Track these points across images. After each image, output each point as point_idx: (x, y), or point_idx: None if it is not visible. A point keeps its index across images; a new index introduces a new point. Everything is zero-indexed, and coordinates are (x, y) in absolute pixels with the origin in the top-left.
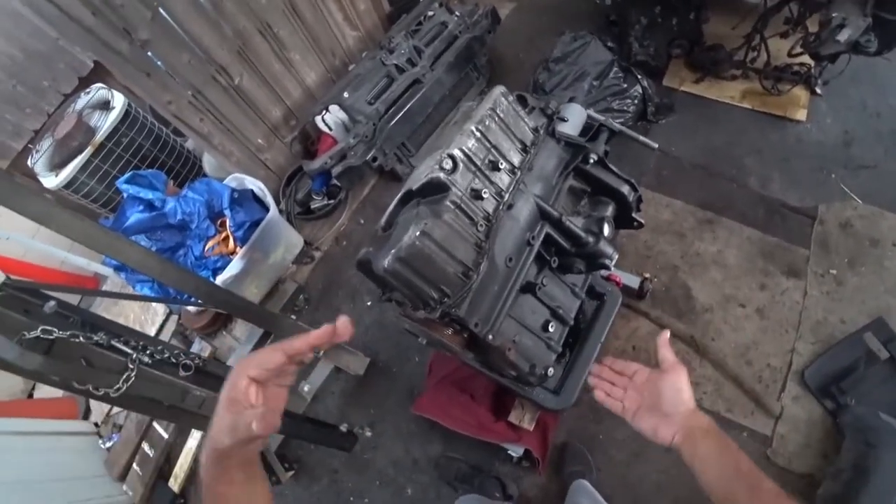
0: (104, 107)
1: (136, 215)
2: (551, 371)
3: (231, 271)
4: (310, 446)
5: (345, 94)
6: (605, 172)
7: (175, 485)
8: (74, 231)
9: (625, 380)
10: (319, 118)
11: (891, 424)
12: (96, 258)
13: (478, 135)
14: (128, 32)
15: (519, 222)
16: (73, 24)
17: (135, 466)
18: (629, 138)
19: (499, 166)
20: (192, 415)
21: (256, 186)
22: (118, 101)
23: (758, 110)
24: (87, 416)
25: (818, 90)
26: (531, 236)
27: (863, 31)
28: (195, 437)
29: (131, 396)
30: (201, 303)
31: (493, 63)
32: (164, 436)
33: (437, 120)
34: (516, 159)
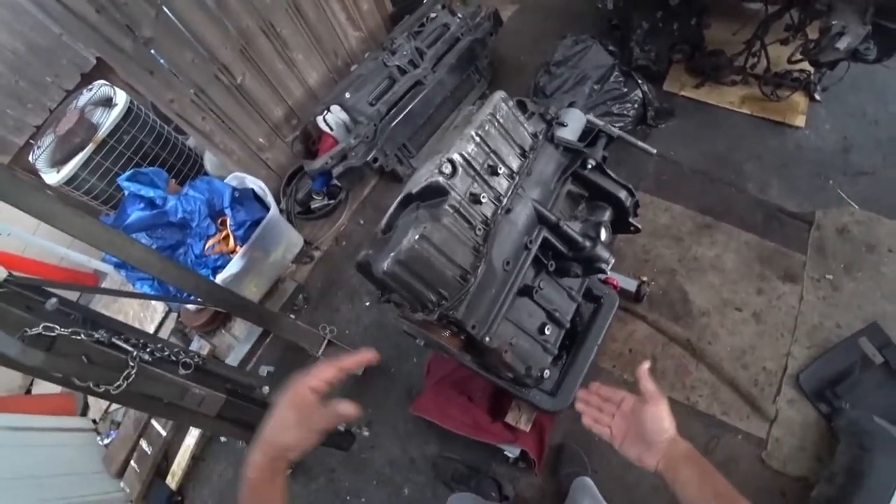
0: (106, 103)
1: (136, 213)
2: (547, 373)
3: (231, 270)
4: None
5: (346, 94)
6: (602, 178)
7: (172, 482)
8: (76, 228)
9: (612, 407)
10: (321, 118)
11: (885, 429)
12: (96, 255)
13: (477, 140)
14: (131, 30)
15: (517, 226)
16: (77, 20)
17: (132, 463)
18: (627, 143)
19: (498, 171)
20: (190, 413)
21: (257, 185)
22: (120, 98)
23: (757, 116)
24: (85, 412)
25: (817, 97)
26: (529, 240)
27: (862, 38)
28: (193, 434)
29: (131, 394)
30: (201, 301)
31: (495, 65)
32: (163, 433)
33: (438, 121)
34: (515, 164)
